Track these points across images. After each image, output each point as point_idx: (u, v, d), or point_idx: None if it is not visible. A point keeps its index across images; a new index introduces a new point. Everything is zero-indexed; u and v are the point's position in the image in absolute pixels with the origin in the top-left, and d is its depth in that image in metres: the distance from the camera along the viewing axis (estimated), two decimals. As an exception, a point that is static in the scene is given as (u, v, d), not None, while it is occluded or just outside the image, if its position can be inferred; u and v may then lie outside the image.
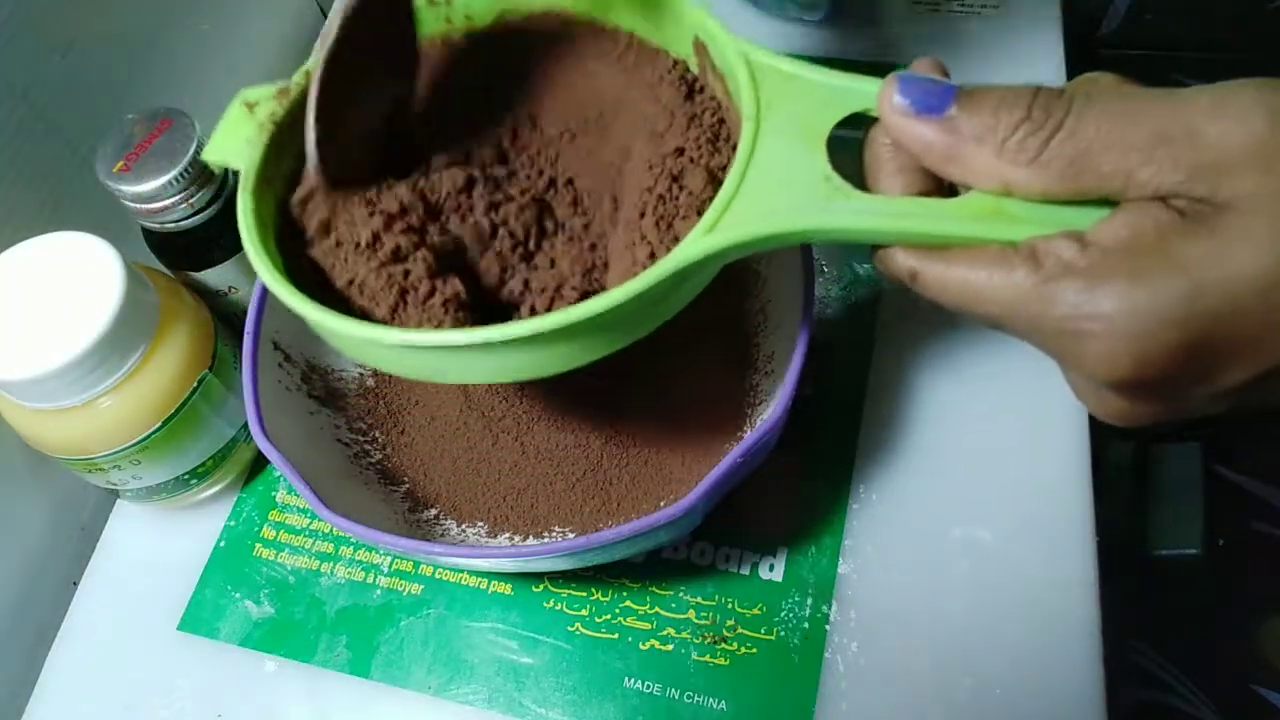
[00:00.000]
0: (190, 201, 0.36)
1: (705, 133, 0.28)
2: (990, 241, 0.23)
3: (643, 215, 0.28)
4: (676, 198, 0.27)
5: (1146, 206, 0.21)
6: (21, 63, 0.38)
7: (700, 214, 0.26)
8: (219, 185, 0.37)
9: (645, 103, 0.30)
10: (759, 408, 0.38)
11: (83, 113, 0.41)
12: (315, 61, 0.28)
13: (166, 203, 0.36)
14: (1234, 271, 0.19)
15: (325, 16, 0.58)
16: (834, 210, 0.24)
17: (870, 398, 0.41)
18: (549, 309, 0.28)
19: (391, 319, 0.27)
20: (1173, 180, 0.20)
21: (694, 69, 0.30)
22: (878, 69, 0.53)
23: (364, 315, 0.27)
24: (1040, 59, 0.49)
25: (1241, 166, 0.20)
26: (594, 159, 0.31)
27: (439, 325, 0.26)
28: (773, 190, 0.25)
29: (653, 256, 0.26)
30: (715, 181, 0.27)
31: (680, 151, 0.28)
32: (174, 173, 0.35)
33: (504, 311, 0.28)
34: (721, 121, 0.29)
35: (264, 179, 0.28)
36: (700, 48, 0.29)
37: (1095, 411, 0.23)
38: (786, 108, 0.26)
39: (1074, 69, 0.49)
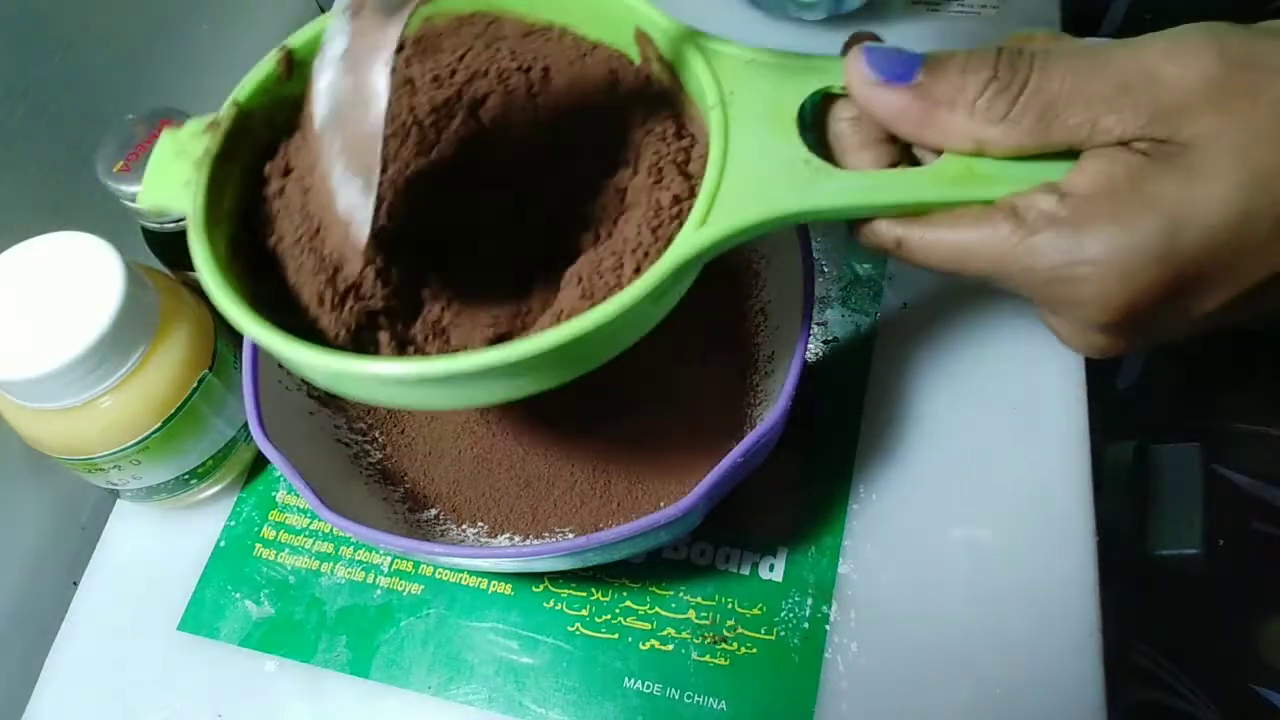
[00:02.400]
0: (190, 201, 0.36)
1: (667, 127, 0.28)
2: (968, 202, 0.24)
3: (619, 220, 0.27)
4: (657, 200, 0.27)
5: (1113, 153, 0.22)
6: (21, 63, 0.38)
7: (678, 216, 0.26)
8: (219, 185, 0.37)
9: (591, 100, 0.29)
10: (759, 408, 0.38)
11: (83, 113, 0.41)
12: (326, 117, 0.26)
13: (166, 203, 0.36)
14: (1207, 205, 0.20)
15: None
16: (818, 190, 0.25)
17: (870, 398, 0.41)
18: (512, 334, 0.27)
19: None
20: (1136, 125, 0.21)
21: (636, 59, 0.29)
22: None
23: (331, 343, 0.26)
24: (1040, 59, 0.49)
25: (1199, 106, 0.21)
26: (554, 171, 0.29)
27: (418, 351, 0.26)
28: (755, 177, 0.25)
29: (639, 267, 0.26)
30: (686, 176, 0.27)
31: (648, 153, 0.27)
32: (174, 173, 0.35)
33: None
34: (677, 115, 0.28)
35: (211, 219, 0.27)
36: (643, 38, 0.28)
37: (1080, 350, 0.24)
38: (750, 92, 0.26)
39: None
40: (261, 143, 0.29)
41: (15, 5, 0.38)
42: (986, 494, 0.38)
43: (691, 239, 0.24)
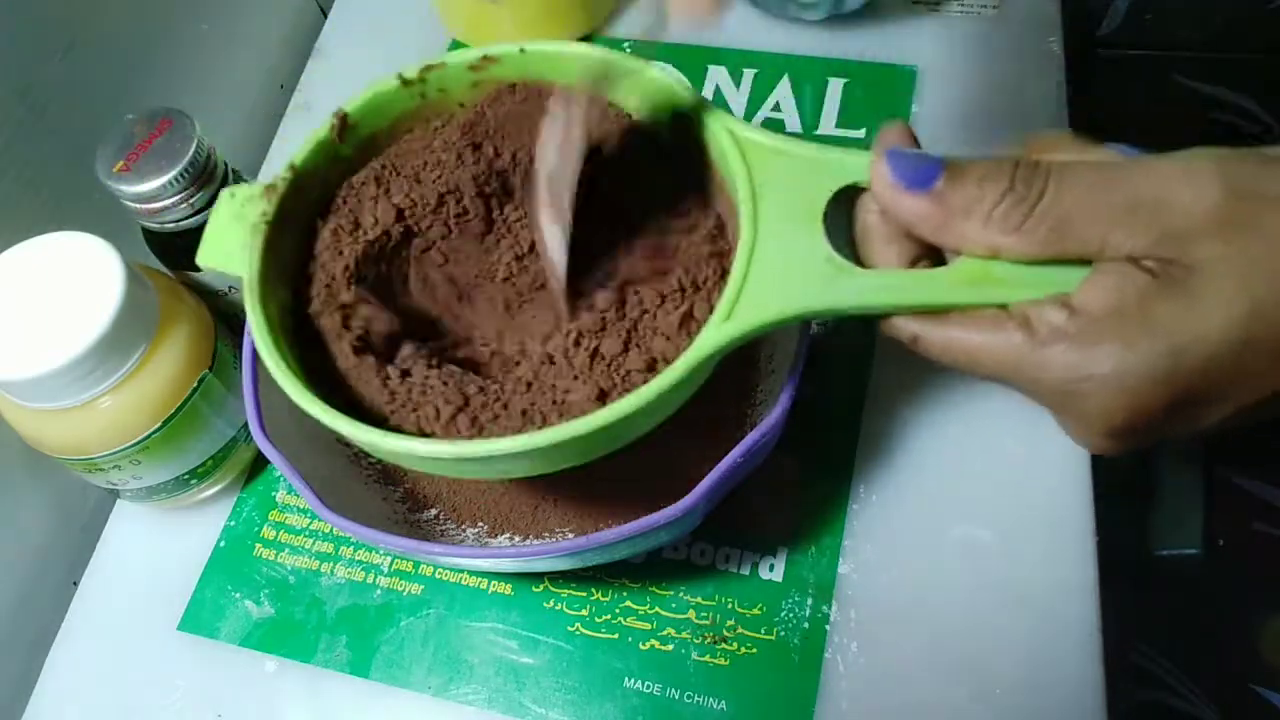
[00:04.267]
0: (190, 201, 0.36)
1: (696, 213, 0.29)
2: (983, 306, 0.25)
3: (655, 311, 0.28)
4: (686, 289, 0.28)
5: (1123, 269, 0.23)
6: (21, 63, 0.38)
7: (704, 301, 0.28)
8: (219, 185, 0.37)
9: (631, 173, 0.31)
10: (759, 408, 0.38)
11: (83, 113, 0.41)
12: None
13: (166, 203, 0.36)
14: (1207, 331, 0.21)
15: (325, 16, 0.58)
16: (839, 289, 0.26)
17: (870, 398, 0.41)
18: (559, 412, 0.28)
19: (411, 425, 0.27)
20: (1145, 244, 0.22)
21: (669, 129, 0.31)
22: (877, 69, 0.53)
23: (382, 410, 0.27)
24: (1040, 59, 0.49)
25: (1204, 233, 0.22)
26: (589, 247, 0.31)
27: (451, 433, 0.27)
28: (780, 274, 0.26)
29: (670, 352, 0.27)
30: (713, 262, 0.29)
31: (680, 238, 0.29)
32: (174, 173, 0.35)
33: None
34: (705, 199, 0.30)
35: (266, 281, 0.28)
36: (680, 116, 0.30)
37: (1085, 448, 0.26)
38: (780, 186, 0.27)
39: (1074, 69, 0.49)
40: (314, 202, 0.30)
41: (15, 5, 0.38)
42: (986, 494, 0.38)
43: (715, 334, 0.26)
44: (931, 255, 0.26)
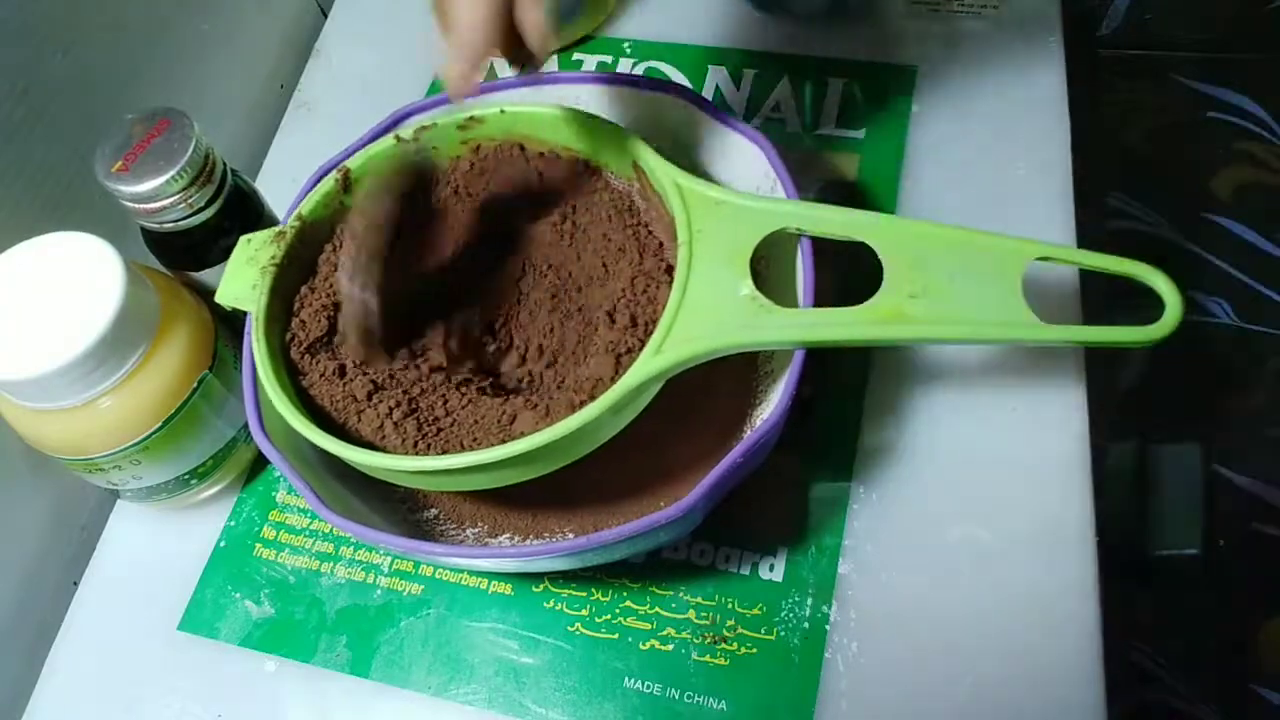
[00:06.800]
0: (189, 201, 0.36)
1: (644, 246, 0.33)
2: (895, 342, 0.28)
3: (598, 333, 0.31)
4: (630, 315, 0.31)
5: None
6: (21, 63, 0.38)
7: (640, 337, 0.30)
8: (218, 185, 0.37)
9: (598, 219, 0.35)
10: (759, 408, 0.38)
11: (83, 113, 0.41)
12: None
13: (165, 203, 0.36)
14: None
15: (325, 16, 0.58)
16: (760, 326, 0.29)
17: (870, 398, 0.41)
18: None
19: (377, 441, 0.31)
20: None
21: (633, 183, 0.35)
22: (877, 69, 0.53)
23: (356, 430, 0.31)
24: (1040, 59, 0.49)
25: None
26: (558, 276, 0.35)
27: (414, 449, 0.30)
28: (707, 312, 0.29)
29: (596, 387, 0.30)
30: (651, 299, 0.31)
31: (631, 263, 0.33)
32: (172, 172, 0.35)
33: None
34: (653, 234, 0.33)
35: (270, 318, 0.32)
36: (639, 170, 0.34)
37: None
38: (714, 232, 0.30)
39: (1074, 69, 0.49)
40: (320, 247, 0.35)
41: (15, 5, 0.38)
42: (986, 494, 0.38)
43: (646, 365, 0.28)
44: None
